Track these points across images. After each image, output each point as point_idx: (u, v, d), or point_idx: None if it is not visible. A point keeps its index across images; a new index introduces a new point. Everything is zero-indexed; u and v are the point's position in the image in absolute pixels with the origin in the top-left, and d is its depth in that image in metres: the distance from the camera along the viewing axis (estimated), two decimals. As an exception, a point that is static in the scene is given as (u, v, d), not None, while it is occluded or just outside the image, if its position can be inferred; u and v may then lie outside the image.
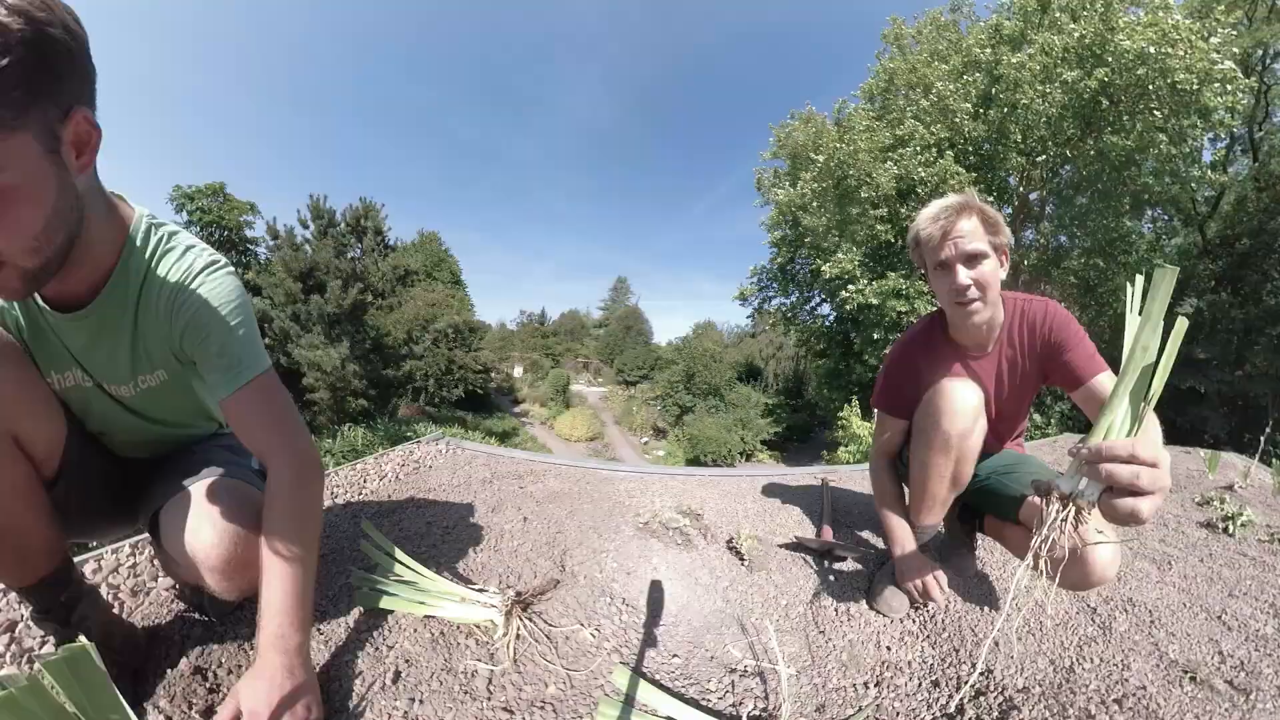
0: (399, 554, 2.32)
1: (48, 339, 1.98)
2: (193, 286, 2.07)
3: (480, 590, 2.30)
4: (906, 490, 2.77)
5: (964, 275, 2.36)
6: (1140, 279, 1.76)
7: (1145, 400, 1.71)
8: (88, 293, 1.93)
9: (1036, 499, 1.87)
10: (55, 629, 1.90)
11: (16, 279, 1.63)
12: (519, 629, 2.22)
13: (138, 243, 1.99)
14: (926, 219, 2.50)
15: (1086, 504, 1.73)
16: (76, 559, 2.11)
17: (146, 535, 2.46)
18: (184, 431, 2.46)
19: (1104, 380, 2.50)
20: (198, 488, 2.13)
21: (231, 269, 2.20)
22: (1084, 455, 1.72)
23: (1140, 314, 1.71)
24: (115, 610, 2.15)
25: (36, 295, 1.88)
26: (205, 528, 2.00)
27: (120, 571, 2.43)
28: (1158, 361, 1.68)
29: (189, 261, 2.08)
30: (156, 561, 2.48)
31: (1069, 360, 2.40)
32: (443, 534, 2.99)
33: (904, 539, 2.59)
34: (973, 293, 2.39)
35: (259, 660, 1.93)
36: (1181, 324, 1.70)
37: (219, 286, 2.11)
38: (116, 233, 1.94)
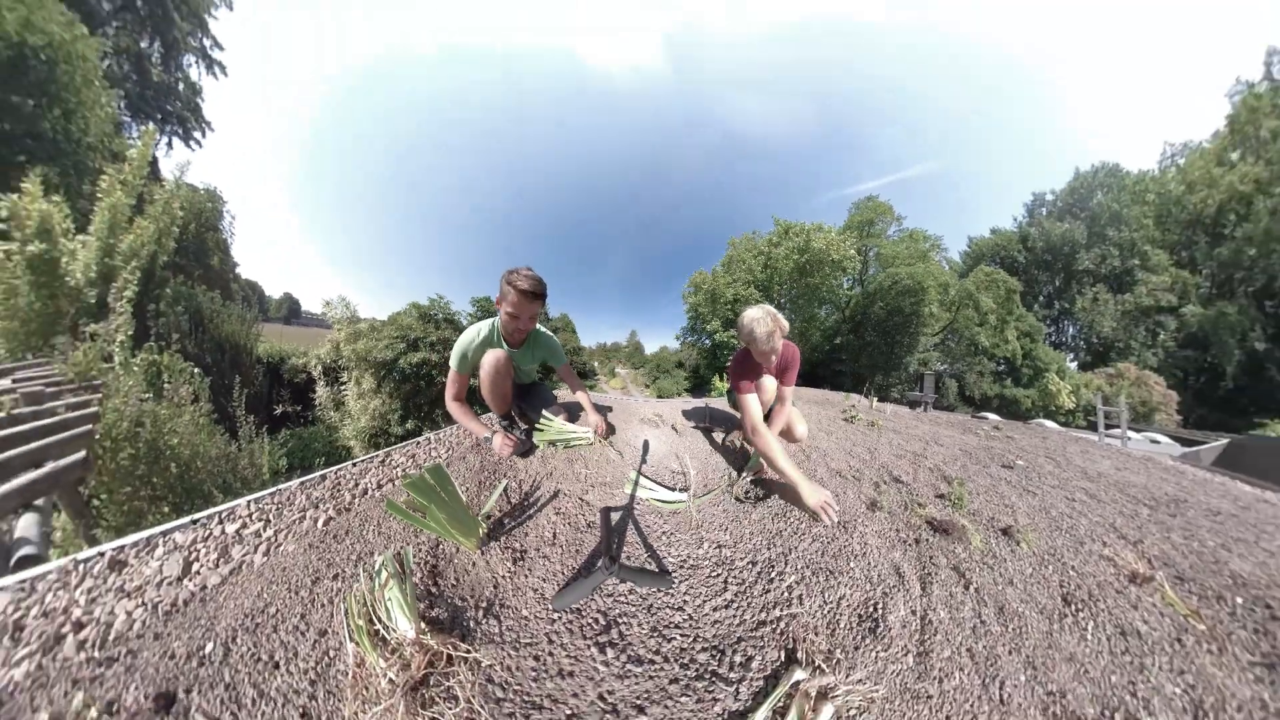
0: (558, 421, 2.32)
1: (515, 359, 2.26)
2: (548, 341, 2.40)
3: (587, 431, 2.28)
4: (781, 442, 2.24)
5: (772, 363, 2.15)
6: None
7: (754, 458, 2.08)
8: (521, 342, 2.22)
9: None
10: (505, 429, 2.34)
11: (522, 336, 2.18)
12: (601, 445, 2.21)
13: (534, 330, 2.29)
14: (764, 337, 1.98)
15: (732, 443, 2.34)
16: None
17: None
18: (532, 378, 2.63)
19: (786, 391, 2.29)
20: (550, 402, 2.62)
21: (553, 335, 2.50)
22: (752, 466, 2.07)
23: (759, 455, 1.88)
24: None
25: (505, 342, 2.20)
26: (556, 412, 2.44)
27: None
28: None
29: (547, 335, 2.40)
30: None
31: (788, 377, 2.25)
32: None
33: (802, 476, 1.84)
34: (786, 379, 2.25)
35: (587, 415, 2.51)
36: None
37: (557, 342, 2.43)
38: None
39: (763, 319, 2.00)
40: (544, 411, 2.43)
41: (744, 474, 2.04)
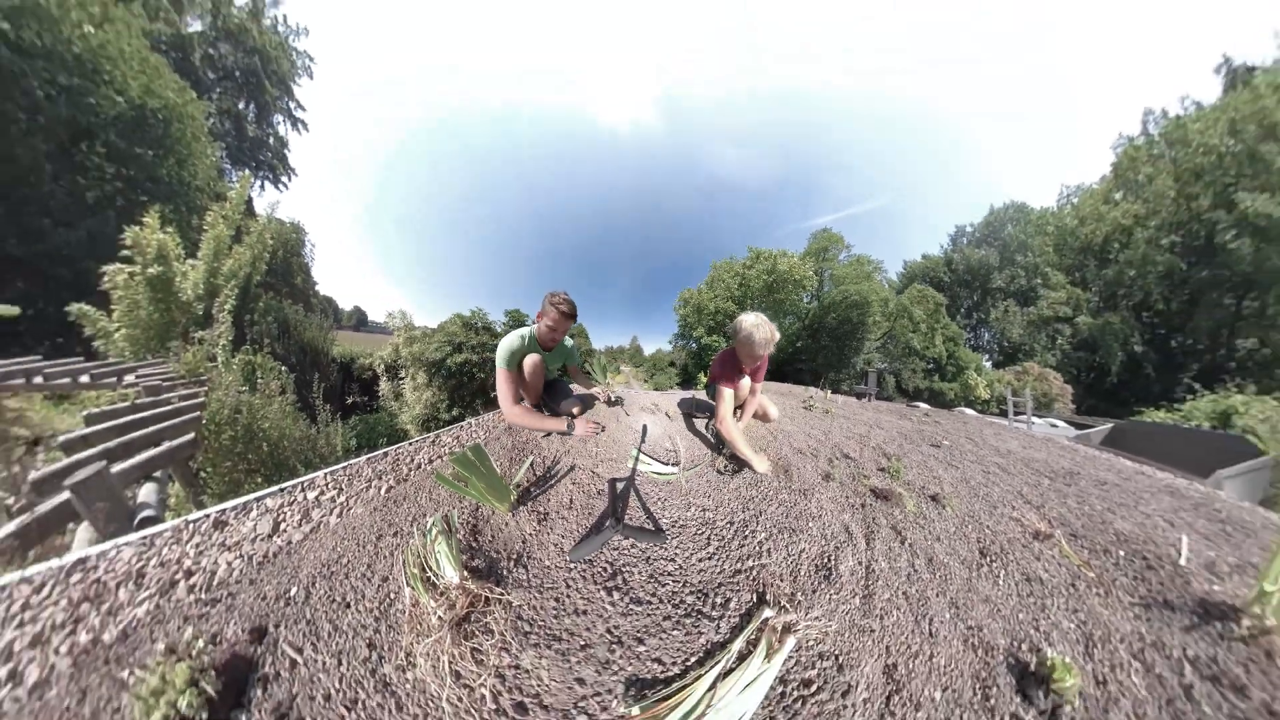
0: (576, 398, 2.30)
1: (545, 360, 2.18)
2: (570, 349, 2.38)
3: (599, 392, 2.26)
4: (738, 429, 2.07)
5: (755, 364, 2.07)
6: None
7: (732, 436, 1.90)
8: (551, 348, 2.17)
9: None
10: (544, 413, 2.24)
11: (554, 344, 2.15)
12: (608, 412, 2.20)
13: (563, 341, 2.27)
14: (762, 342, 1.88)
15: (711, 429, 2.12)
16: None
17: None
18: (554, 376, 2.50)
19: (757, 386, 2.23)
20: (569, 395, 2.45)
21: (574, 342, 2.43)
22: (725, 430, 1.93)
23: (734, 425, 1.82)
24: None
25: (540, 347, 2.15)
26: (574, 403, 2.37)
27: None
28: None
29: (571, 344, 2.37)
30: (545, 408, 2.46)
31: (758, 374, 2.19)
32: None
33: (753, 454, 1.86)
34: (756, 378, 2.19)
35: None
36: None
37: (576, 349, 2.43)
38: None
39: (762, 326, 1.87)
40: (567, 388, 2.52)
41: (724, 451, 2.03)
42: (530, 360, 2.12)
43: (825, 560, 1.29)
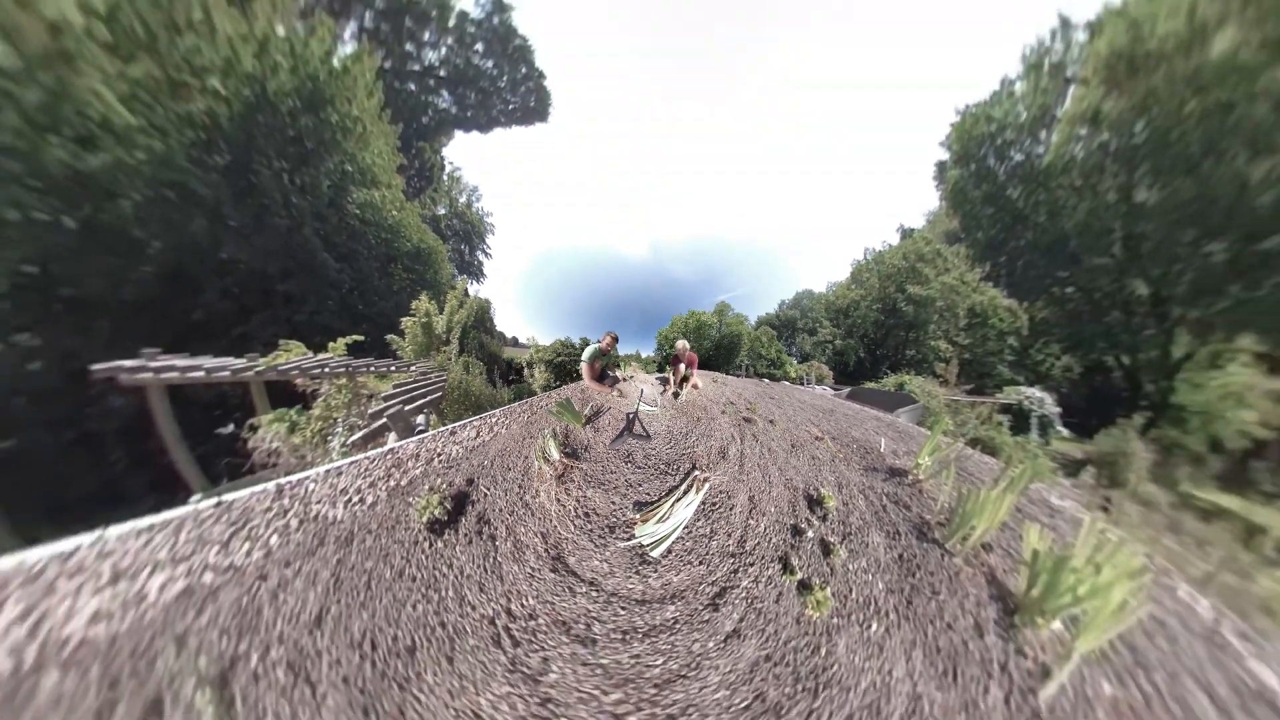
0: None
1: (603, 360, 1.78)
2: (613, 354, 1.88)
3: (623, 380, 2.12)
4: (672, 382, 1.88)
5: (688, 360, 1.84)
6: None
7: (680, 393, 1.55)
8: (606, 354, 1.77)
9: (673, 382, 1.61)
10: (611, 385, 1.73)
11: (609, 351, 1.66)
12: (628, 385, 1.99)
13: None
14: (681, 350, 1.76)
15: (672, 392, 1.61)
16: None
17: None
18: (604, 367, 2.02)
19: (693, 371, 1.91)
20: (608, 376, 1.92)
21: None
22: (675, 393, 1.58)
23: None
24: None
25: (601, 354, 1.72)
26: (612, 380, 1.88)
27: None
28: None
29: (612, 353, 1.87)
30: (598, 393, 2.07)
31: (693, 366, 2.01)
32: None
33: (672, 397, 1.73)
34: (690, 368, 1.93)
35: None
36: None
37: (614, 355, 1.97)
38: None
39: (685, 344, 2.11)
40: (607, 373, 2.28)
41: (669, 393, 1.99)
42: (597, 361, 2.10)
43: (722, 449, 1.27)
